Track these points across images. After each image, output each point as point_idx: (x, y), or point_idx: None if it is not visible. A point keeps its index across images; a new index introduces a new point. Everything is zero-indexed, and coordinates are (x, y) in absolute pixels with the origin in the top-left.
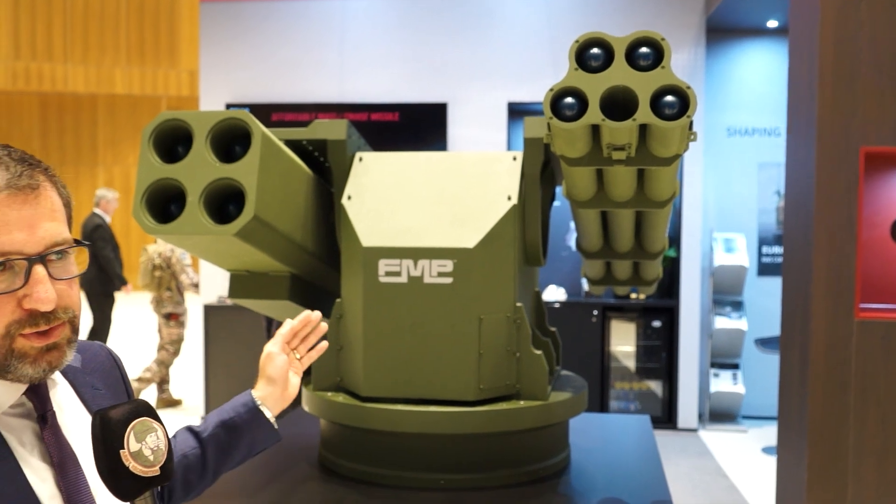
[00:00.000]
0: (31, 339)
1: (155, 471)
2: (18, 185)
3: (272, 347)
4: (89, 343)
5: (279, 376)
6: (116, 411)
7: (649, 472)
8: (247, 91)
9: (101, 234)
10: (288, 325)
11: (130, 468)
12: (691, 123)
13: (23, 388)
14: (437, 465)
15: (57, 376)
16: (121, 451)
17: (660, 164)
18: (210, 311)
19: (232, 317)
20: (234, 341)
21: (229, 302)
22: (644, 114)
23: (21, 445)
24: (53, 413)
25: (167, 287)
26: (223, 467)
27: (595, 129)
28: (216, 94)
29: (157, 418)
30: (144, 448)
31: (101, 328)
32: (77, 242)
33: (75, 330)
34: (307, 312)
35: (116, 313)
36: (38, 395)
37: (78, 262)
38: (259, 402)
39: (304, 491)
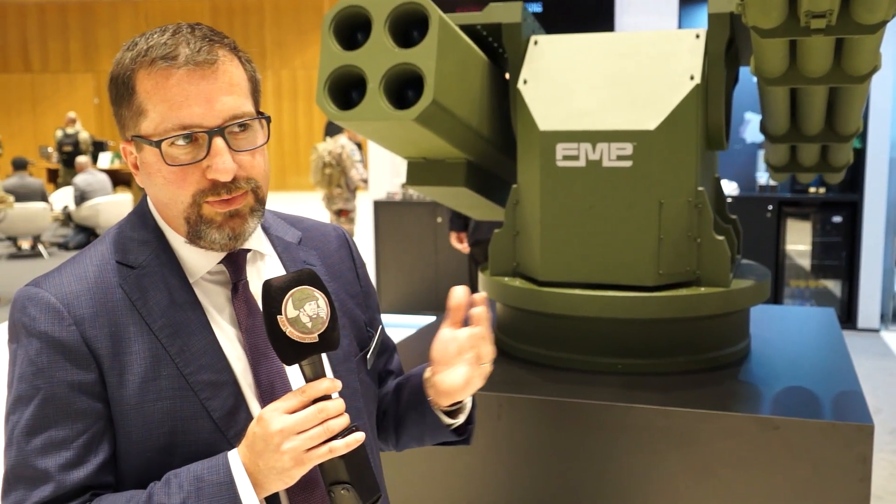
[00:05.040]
0: (214, 206)
1: (312, 338)
2: (196, 60)
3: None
4: (323, 223)
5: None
6: (279, 279)
7: (836, 363)
8: None
9: None
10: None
11: (287, 333)
12: None
13: (219, 256)
14: (615, 350)
15: (268, 249)
16: (278, 316)
17: (864, 32)
18: (379, 207)
19: (401, 212)
20: (403, 237)
21: (398, 198)
22: None
23: (215, 309)
24: (246, 283)
25: (337, 184)
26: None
27: None
28: None
29: (322, 288)
30: (302, 315)
31: None
32: (259, 115)
33: (259, 200)
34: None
35: (290, 210)
36: (234, 265)
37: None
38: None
39: None
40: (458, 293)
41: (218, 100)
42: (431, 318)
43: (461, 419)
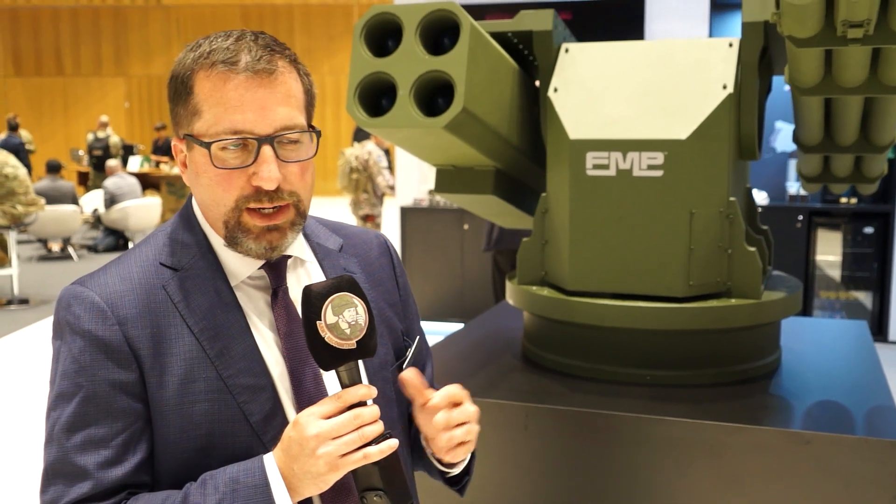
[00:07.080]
0: (254, 218)
1: (350, 344)
2: (255, 68)
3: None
4: (366, 230)
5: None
6: (319, 285)
7: (868, 377)
8: None
9: None
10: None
11: (326, 339)
12: None
13: (259, 262)
14: (644, 361)
15: (309, 256)
16: (317, 322)
17: None
18: (406, 214)
19: (428, 219)
20: (429, 243)
21: (425, 204)
22: None
23: (255, 313)
24: (285, 289)
25: (364, 189)
26: None
27: (829, 5)
28: None
29: (361, 295)
30: (341, 321)
31: None
32: (310, 128)
33: (301, 214)
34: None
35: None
36: (274, 271)
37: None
38: None
39: (510, 381)
40: (407, 377)
41: (272, 109)
42: (458, 326)
43: (458, 470)
